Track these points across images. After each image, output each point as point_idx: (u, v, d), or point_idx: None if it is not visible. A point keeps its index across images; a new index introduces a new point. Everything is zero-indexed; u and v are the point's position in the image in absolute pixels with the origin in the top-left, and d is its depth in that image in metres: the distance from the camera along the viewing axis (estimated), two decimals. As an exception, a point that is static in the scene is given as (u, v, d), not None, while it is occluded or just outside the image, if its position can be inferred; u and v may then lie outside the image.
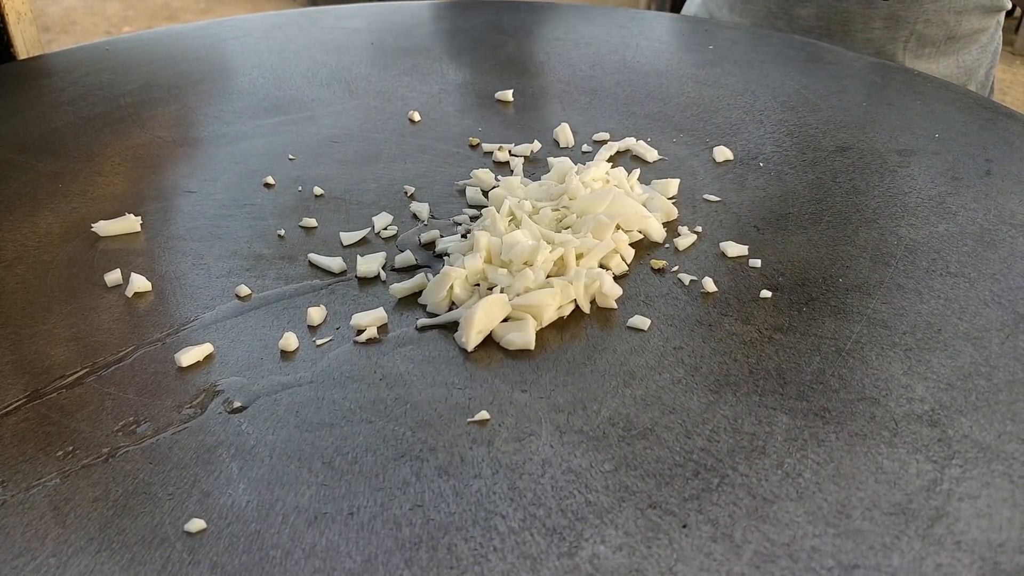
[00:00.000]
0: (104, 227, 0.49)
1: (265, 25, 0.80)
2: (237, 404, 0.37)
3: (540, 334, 0.41)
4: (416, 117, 0.64)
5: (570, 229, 0.47)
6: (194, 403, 0.37)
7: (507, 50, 0.75)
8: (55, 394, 0.37)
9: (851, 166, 0.55)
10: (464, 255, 0.45)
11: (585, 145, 0.59)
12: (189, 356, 0.39)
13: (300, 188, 0.54)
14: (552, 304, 0.42)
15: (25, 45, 1.12)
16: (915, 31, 0.84)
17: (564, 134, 0.60)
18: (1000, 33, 0.91)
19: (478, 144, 0.60)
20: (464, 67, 0.72)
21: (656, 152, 0.58)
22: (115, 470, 0.33)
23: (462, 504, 0.32)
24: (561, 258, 0.44)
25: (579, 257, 0.45)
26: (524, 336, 0.40)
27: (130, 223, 0.49)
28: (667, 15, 0.83)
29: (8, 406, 0.37)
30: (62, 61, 0.72)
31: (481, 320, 0.41)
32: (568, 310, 0.43)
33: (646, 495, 0.32)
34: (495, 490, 0.32)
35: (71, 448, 0.34)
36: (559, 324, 0.42)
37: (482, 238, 0.44)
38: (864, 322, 0.41)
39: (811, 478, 0.33)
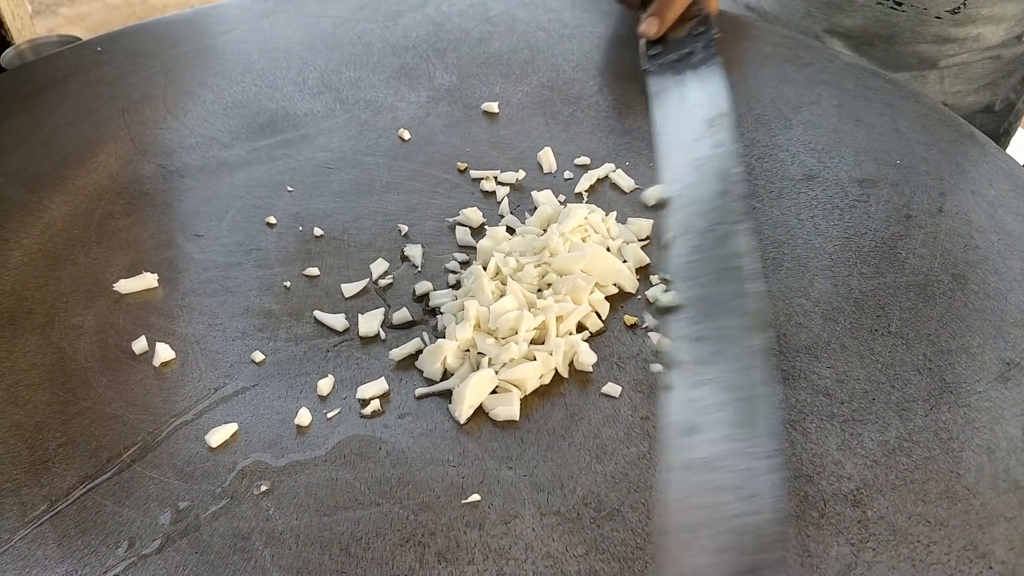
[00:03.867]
0: (124, 286, 0.54)
1: (252, 14, 0.81)
2: (264, 488, 0.43)
3: (524, 401, 0.47)
4: (406, 135, 0.66)
5: (551, 287, 0.52)
6: (226, 486, 0.43)
7: (492, 45, 0.77)
8: (105, 480, 0.43)
9: (814, 200, 0.59)
10: (455, 317, 0.50)
11: (567, 172, 0.63)
12: (217, 436, 0.45)
13: (300, 228, 0.58)
14: (534, 376, 0.47)
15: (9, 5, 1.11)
16: (958, 60, 0.82)
17: (547, 159, 0.63)
18: None
19: (466, 169, 0.63)
20: (451, 68, 0.74)
21: (632, 181, 0.61)
22: (168, 561, 0.40)
23: (459, 592, 0.39)
24: (543, 323, 0.49)
25: (559, 319, 0.50)
26: (510, 409, 0.46)
27: (147, 281, 0.54)
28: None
29: (67, 494, 0.43)
30: (59, 69, 0.73)
31: (472, 395, 0.46)
32: (549, 377, 0.48)
33: (611, 580, 0.39)
34: (486, 576, 0.39)
35: (128, 539, 0.41)
36: (541, 390, 0.48)
37: (471, 308, 0.49)
38: (809, 389, 0.47)
39: (748, 561, 0.39)
